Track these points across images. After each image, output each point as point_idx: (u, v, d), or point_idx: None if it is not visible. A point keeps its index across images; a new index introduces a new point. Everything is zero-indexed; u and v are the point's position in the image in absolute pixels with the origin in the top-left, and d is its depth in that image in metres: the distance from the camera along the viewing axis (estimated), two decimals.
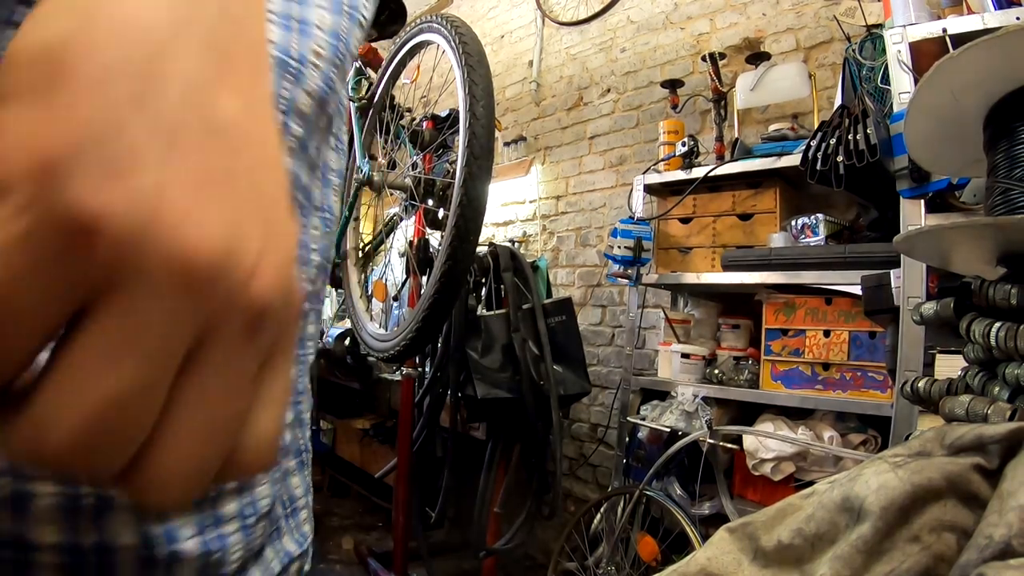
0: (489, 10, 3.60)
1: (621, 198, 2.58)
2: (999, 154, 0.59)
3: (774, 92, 2.00)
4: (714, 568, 0.49)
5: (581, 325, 2.29)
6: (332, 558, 2.51)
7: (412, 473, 2.06)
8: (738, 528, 0.51)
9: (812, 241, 1.72)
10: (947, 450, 0.46)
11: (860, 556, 0.43)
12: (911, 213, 1.34)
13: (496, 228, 3.29)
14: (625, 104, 2.76)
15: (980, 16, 1.26)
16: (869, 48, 1.56)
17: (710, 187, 1.97)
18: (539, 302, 1.99)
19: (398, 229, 1.95)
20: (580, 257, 2.85)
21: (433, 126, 2.01)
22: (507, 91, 3.34)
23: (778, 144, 1.83)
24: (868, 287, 1.35)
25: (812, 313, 1.65)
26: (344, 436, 3.06)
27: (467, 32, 1.34)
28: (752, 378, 1.75)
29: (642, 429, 1.84)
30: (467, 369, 1.89)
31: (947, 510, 0.42)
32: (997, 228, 0.54)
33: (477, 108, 1.25)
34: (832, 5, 2.10)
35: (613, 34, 2.85)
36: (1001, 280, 0.55)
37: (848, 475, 0.48)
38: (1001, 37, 0.54)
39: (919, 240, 0.64)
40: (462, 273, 1.32)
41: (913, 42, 1.33)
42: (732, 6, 2.41)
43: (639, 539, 1.78)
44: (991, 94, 0.59)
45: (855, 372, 1.58)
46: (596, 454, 2.56)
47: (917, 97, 0.64)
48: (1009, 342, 0.50)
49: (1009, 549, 0.35)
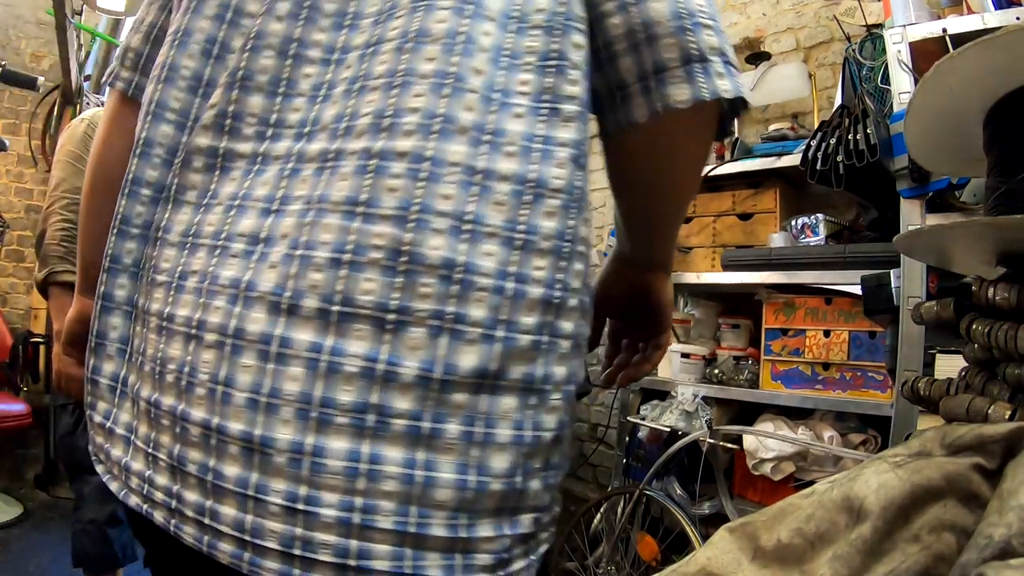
0: None
1: None
2: (999, 154, 0.59)
3: (774, 92, 2.00)
4: (714, 568, 0.49)
5: None
6: None
7: None
8: (738, 528, 0.51)
9: (812, 241, 1.72)
10: (947, 450, 0.46)
11: (860, 556, 0.43)
12: (911, 213, 1.34)
13: None
14: None
15: (980, 16, 1.26)
16: (869, 48, 1.56)
17: (710, 187, 1.97)
18: None
19: None
20: None
21: None
22: None
23: (778, 144, 1.83)
24: (868, 287, 1.35)
25: (812, 313, 1.65)
26: None
27: None
28: (752, 378, 1.75)
29: (642, 429, 1.84)
30: None
31: (947, 510, 0.42)
32: (997, 228, 0.54)
33: None
34: (832, 5, 2.10)
35: None
36: (1001, 280, 0.55)
37: (848, 475, 0.49)
38: (1001, 37, 0.54)
39: (919, 240, 0.64)
40: None
41: (913, 42, 1.33)
42: (732, 6, 2.41)
43: (639, 539, 1.78)
44: (991, 94, 0.59)
45: (855, 372, 1.58)
46: (596, 454, 2.56)
47: (917, 97, 0.64)
48: (1009, 342, 0.50)
49: (1009, 549, 0.35)
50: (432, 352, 0.40)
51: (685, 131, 0.51)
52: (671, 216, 0.62)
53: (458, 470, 0.40)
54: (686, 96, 0.47)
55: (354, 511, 0.39)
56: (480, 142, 0.43)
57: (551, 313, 0.44)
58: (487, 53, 0.44)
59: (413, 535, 0.39)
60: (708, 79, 0.46)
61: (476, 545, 0.41)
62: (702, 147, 0.55)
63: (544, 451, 0.44)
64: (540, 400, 0.44)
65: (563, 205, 0.45)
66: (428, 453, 0.40)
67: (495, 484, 0.42)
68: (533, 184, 0.44)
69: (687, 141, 0.52)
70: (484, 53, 0.44)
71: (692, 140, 0.53)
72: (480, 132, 0.43)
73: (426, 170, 0.41)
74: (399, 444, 0.40)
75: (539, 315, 0.43)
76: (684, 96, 0.47)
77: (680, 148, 0.53)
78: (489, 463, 0.41)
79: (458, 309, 0.41)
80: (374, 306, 0.40)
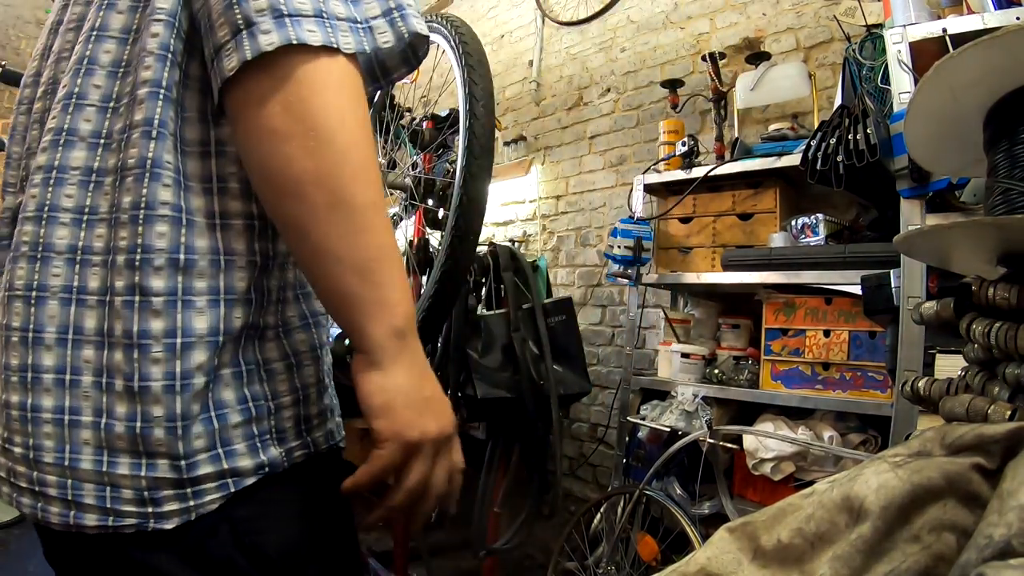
0: (489, 10, 3.59)
1: (621, 198, 2.58)
2: (999, 154, 0.59)
3: (774, 92, 2.00)
4: (714, 568, 0.49)
5: (581, 325, 2.29)
6: None
7: None
8: (738, 528, 0.51)
9: (812, 241, 1.72)
10: (947, 450, 0.46)
11: (860, 556, 0.43)
12: (911, 213, 1.34)
13: (496, 228, 3.29)
14: (625, 104, 2.76)
15: (980, 16, 1.26)
16: (869, 48, 1.56)
17: (710, 187, 1.97)
18: (539, 302, 1.98)
19: (398, 229, 1.94)
20: (580, 257, 2.85)
21: (433, 126, 2.00)
22: (507, 91, 3.34)
23: (778, 144, 1.83)
24: (868, 287, 1.35)
25: (812, 313, 1.65)
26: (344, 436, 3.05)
27: (467, 32, 1.34)
28: (752, 378, 1.75)
29: (642, 429, 1.84)
30: (467, 369, 1.89)
31: (947, 510, 0.42)
32: (997, 228, 0.54)
33: (477, 108, 1.24)
34: (832, 5, 2.10)
35: (613, 34, 2.85)
36: (1001, 280, 0.55)
37: (848, 475, 0.49)
38: (1001, 37, 0.54)
39: (919, 240, 0.64)
40: (462, 273, 1.32)
41: (913, 42, 1.32)
42: (732, 6, 2.41)
43: (639, 539, 1.78)
44: (991, 94, 0.59)
45: (855, 372, 1.58)
46: (596, 454, 2.56)
47: (917, 97, 0.64)
48: (1009, 342, 0.50)
49: (1009, 549, 0.35)
50: (66, 319, 0.51)
51: (258, 102, 0.46)
52: (318, 232, 0.48)
53: (95, 414, 0.50)
54: (233, 64, 0.46)
55: (29, 449, 0.51)
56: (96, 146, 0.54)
57: (137, 275, 0.50)
58: None
59: (70, 468, 0.50)
60: (252, 40, 0.45)
61: (118, 480, 0.49)
62: (286, 114, 0.46)
63: (158, 400, 0.49)
64: (141, 353, 0.49)
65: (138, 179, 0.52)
66: (72, 400, 0.50)
67: (119, 427, 0.50)
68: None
69: (259, 113, 0.47)
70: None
71: (265, 110, 0.46)
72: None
73: (54, 176, 0.53)
74: (51, 394, 0.51)
75: (126, 279, 0.50)
76: (232, 64, 0.46)
77: (254, 121, 0.47)
78: (114, 408, 0.50)
79: (80, 283, 0.51)
80: (23, 287, 0.52)
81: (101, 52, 0.54)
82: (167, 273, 0.50)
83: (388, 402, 0.52)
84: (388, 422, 0.52)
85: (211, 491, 0.51)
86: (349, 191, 0.48)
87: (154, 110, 0.50)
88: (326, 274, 0.50)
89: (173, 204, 0.50)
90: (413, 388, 0.53)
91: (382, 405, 0.52)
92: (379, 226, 0.50)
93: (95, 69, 0.53)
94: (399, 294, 0.51)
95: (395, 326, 0.51)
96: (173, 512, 0.50)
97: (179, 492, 0.50)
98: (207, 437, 0.51)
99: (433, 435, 0.54)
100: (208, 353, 0.51)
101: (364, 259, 0.49)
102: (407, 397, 0.53)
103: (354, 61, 0.50)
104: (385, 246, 0.51)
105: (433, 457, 0.55)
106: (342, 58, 0.48)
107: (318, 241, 0.48)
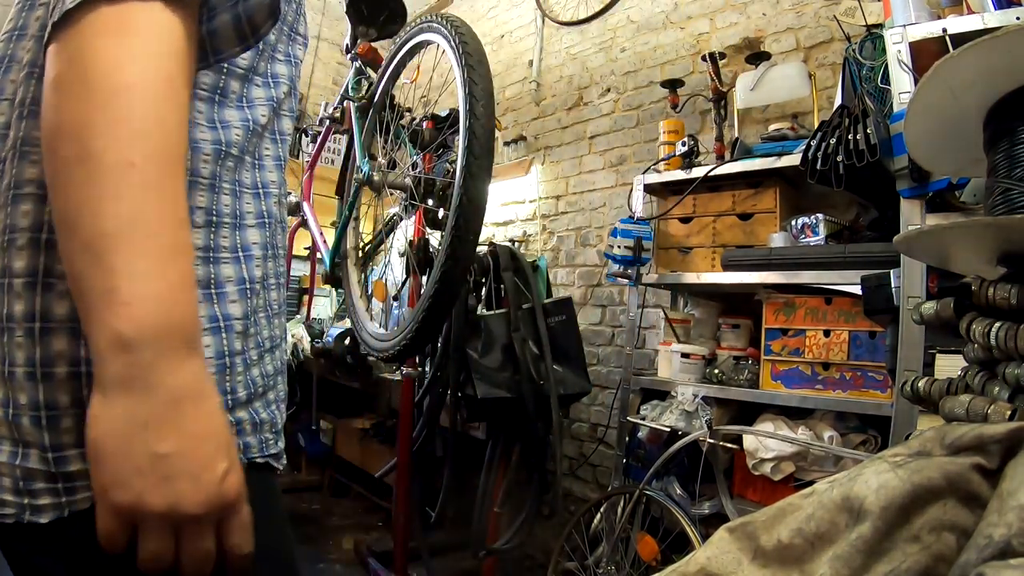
0: (489, 10, 3.59)
1: (621, 198, 2.58)
2: (999, 154, 0.59)
3: (774, 92, 2.00)
4: (714, 568, 0.49)
5: (581, 325, 2.29)
6: (332, 558, 2.51)
7: (412, 473, 2.06)
8: (738, 528, 0.51)
9: (812, 241, 1.72)
10: (947, 450, 0.46)
11: (860, 556, 0.43)
12: (911, 213, 1.34)
13: (496, 228, 3.29)
14: (625, 104, 2.76)
15: (980, 16, 1.26)
16: (869, 48, 1.56)
17: (710, 187, 1.97)
18: (539, 302, 1.99)
19: (398, 229, 1.94)
20: (580, 257, 2.85)
21: (433, 126, 2.00)
22: (507, 91, 3.34)
23: (778, 144, 1.83)
24: (868, 287, 1.35)
25: (812, 313, 1.65)
26: (344, 436, 3.06)
27: (467, 32, 1.34)
28: (752, 378, 1.75)
29: (642, 429, 1.84)
30: (467, 369, 1.89)
31: (947, 510, 0.42)
32: (997, 228, 0.54)
33: (477, 108, 1.24)
34: (832, 5, 2.10)
35: (613, 34, 2.85)
36: (1001, 280, 0.55)
37: (848, 475, 0.49)
38: (1001, 37, 0.54)
39: (919, 240, 0.64)
40: (462, 273, 1.32)
41: (913, 42, 1.32)
42: (732, 6, 2.41)
43: (639, 539, 1.78)
44: (991, 94, 0.59)
45: (855, 372, 1.58)
46: (596, 454, 2.56)
47: (917, 97, 0.64)
48: (1009, 342, 0.50)
49: (1009, 549, 0.35)
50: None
51: (51, 56, 0.43)
52: (59, 195, 0.41)
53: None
54: (48, 29, 0.43)
55: None
56: None
57: (4, 256, 0.48)
58: None
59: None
60: (61, 2, 0.42)
61: (1, 467, 0.47)
62: (68, 63, 0.42)
63: (23, 388, 0.47)
64: (9, 336, 0.48)
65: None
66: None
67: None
68: None
69: (49, 68, 0.43)
70: None
71: (54, 62, 0.43)
72: None
73: None
74: None
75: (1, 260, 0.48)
76: (48, 30, 0.43)
77: (46, 77, 0.43)
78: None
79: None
80: None
81: (20, 50, 0.53)
82: (28, 253, 0.47)
83: (97, 442, 0.39)
84: (94, 470, 0.40)
85: (84, 488, 0.47)
86: (98, 144, 0.39)
87: (28, 90, 0.50)
88: (63, 251, 0.40)
89: (38, 181, 0.48)
90: (135, 434, 0.39)
91: (91, 443, 0.40)
92: (132, 195, 0.39)
93: (12, 65, 0.54)
94: (141, 287, 0.38)
95: (118, 332, 0.38)
96: (47, 506, 0.47)
97: (51, 486, 0.47)
98: (78, 432, 0.46)
99: (158, 509, 0.39)
100: (70, 341, 0.47)
101: (98, 233, 0.38)
102: (123, 443, 0.39)
103: (182, 10, 0.44)
104: (136, 221, 0.39)
105: (172, 535, 0.40)
106: (157, 4, 0.42)
107: (58, 207, 0.40)
